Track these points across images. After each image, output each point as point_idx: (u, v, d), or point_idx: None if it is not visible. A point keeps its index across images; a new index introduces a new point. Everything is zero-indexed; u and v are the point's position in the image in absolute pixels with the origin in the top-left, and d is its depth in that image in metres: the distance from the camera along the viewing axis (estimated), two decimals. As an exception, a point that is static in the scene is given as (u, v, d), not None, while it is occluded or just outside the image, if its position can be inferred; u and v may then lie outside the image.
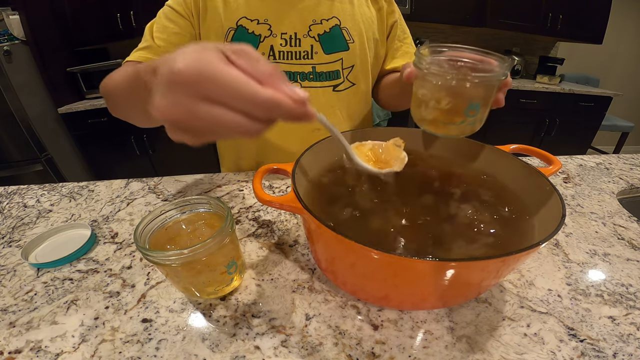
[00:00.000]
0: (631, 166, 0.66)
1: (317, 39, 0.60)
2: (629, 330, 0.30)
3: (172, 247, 0.31)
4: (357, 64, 0.63)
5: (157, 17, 0.60)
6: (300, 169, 0.34)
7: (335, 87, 0.64)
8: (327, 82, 0.63)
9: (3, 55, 1.63)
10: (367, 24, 0.63)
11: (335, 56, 0.61)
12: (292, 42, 0.59)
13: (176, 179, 0.62)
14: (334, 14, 0.60)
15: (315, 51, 0.60)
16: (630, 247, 0.42)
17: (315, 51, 0.60)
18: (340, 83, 0.64)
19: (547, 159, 0.39)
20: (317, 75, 0.62)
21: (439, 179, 0.40)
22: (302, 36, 0.59)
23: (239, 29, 0.58)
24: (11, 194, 0.60)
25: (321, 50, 0.60)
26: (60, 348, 0.30)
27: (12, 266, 0.41)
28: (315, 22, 0.59)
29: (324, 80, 0.62)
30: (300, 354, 0.29)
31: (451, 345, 0.29)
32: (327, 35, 0.60)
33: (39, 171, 1.84)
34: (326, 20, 0.60)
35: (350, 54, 0.62)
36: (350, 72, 0.63)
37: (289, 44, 0.59)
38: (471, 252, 0.29)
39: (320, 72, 0.62)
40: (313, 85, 0.62)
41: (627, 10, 2.51)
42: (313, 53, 0.60)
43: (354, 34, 0.61)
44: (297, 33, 0.59)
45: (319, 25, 0.59)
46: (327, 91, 0.63)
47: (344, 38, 0.61)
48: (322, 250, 0.33)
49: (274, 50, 0.59)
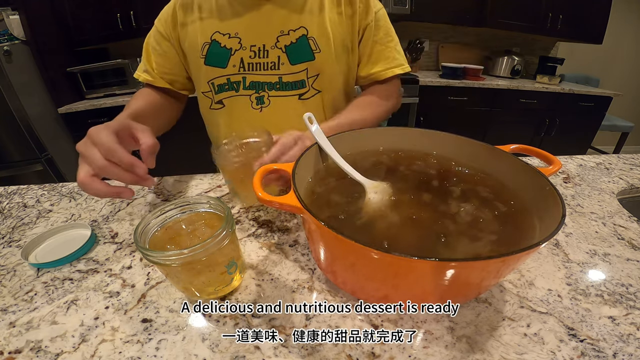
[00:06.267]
0: (631, 166, 0.66)
1: (284, 50, 0.61)
2: (629, 330, 0.30)
3: (172, 247, 0.31)
4: (323, 73, 0.64)
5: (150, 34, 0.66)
6: (300, 169, 0.34)
7: (301, 96, 0.65)
8: (293, 92, 0.64)
9: (3, 55, 1.63)
10: (336, 32, 0.63)
11: (301, 66, 0.62)
12: (260, 53, 0.61)
13: (176, 179, 0.62)
14: (302, 24, 0.61)
15: (282, 62, 0.62)
16: (630, 247, 0.42)
17: (282, 62, 0.62)
18: (306, 91, 0.65)
19: (547, 159, 0.39)
20: (284, 85, 0.63)
21: (439, 179, 0.40)
22: (270, 48, 0.61)
23: (213, 43, 0.61)
24: (11, 194, 0.60)
25: (287, 61, 0.62)
26: (60, 348, 0.30)
27: (12, 266, 0.41)
28: (283, 33, 0.61)
29: (289, 90, 0.64)
30: (300, 354, 0.29)
31: (451, 345, 0.29)
32: (294, 45, 0.61)
33: (39, 171, 1.84)
34: (293, 31, 0.61)
35: (315, 63, 0.62)
36: (315, 80, 0.64)
37: (257, 56, 0.61)
38: (473, 251, 0.29)
39: (287, 82, 0.63)
40: (279, 95, 0.64)
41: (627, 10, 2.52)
42: (280, 64, 0.62)
43: (321, 43, 0.62)
44: (265, 45, 0.61)
45: (287, 36, 0.61)
46: (293, 100, 0.65)
47: (310, 48, 0.62)
48: (322, 250, 0.33)
49: (244, 62, 0.62)
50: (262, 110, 0.65)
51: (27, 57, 1.75)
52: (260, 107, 0.65)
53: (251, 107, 0.65)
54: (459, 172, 0.42)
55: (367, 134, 0.46)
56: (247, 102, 0.65)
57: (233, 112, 0.67)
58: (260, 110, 0.65)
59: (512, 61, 2.33)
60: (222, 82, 0.64)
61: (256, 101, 0.65)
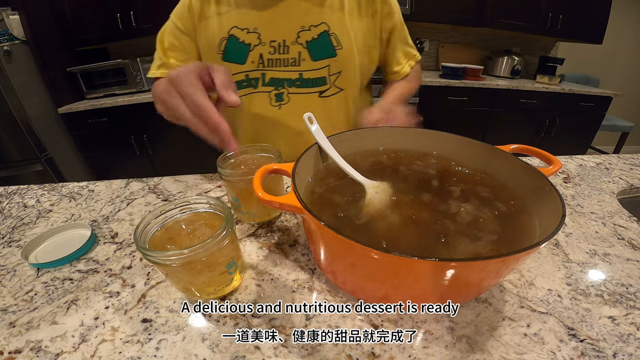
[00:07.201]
0: (631, 166, 0.66)
1: (305, 45, 0.60)
2: (629, 330, 0.30)
3: (172, 247, 0.31)
4: (345, 70, 0.63)
5: (165, 29, 0.64)
6: (300, 169, 0.34)
7: (322, 93, 0.64)
8: (314, 89, 0.64)
9: (3, 55, 1.63)
10: (357, 29, 0.62)
11: (323, 63, 0.62)
12: (280, 49, 0.60)
13: (176, 179, 0.62)
14: (323, 20, 0.60)
15: (303, 58, 0.61)
16: (630, 247, 0.42)
17: (302, 58, 0.61)
18: (327, 89, 0.64)
19: (547, 159, 0.39)
20: (304, 82, 0.63)
21: (439, 179, 0.40)
22: (290, 43, 0.60)
23: (230, 38, 0.60)
24: (11, 194, 0.60)
25: (309, 57, 0.61)
26: (60, 348, 0.30)
27: (12, 266, 0.41)
28: (303, 29, 0.60)
29: (310, 87, 0.63)
30: (300, 354, 0.29)
31: (451, 345, 0.29)
32: (315, 41, 0.60)
33: (39, 171, 1.84)
34: (315, 27, 0.60)
35: (337, 60, 0.62)
36: (337, 78, 0.64)
37: (277, 52, 0.60)
38: (473, 251, 0.29)
39: (307, 79, 0.62)
40: (300, 92, 0.63)
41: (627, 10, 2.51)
42: (301, 60, 0.61)
43: (342, 39, 0.61)
44: (285, 40, 0.60)
45: (308, 31, 0.60)
46: (313, 97, 0.64)
47: (332, 44, 0.61)
48: (322, 250, 0.33)
49: (263, 58, 0.61)
50: (282, 107, 0.64)
51: (27, 57, 1.75)
52: (280, 105, 0.64)
53: (270, 104, 0.64)
54: (459, 172, 0.42)
55: (367, 134, 0.46)
56: (266, 99, 0.64)
57: (251, 110, 0.66)
58: (280, 108, 0.64)
59: (512, 61, 2.33)
60: (240, 79, 0.63)
61: (275, 98, 0.64)
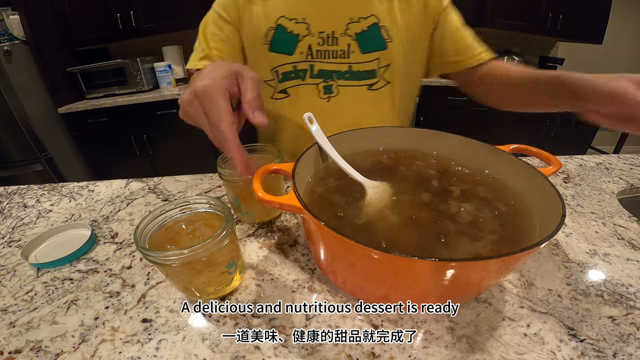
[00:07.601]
0: (631, 166, 0.66)
1: (355, 37, 0.59)
2: (629, 330, 0.30)
3: (172, 247, 0.31)
4: (394, 62, 0.62)
5: (207, 19, 0.62)
6: (300, 169, 0.34)
7: (371, 86, 0.63)
8: (363, 82, 0.62)
9: (3, 55, 1.63)
10: (406, 22, 0.60)
11: (372, 55, 0.60)
12: (329, 40, 0.59)
13: (176, 179, 0.62)
14: (372, 12, 0.58)
15: (352, 50, 0.59)
16: (630, 247, 0.42)
17: (352, 50, 0.59)
18: (376, 82, 0.63)
19: (547, 159, 0.39)
20: (353, 75, 0.61)
21: (439, 179, 0.40)
22: (339, 35, 0.59)
23: (278, 28, 0.59)
24: (11, 194, 0.60)
25: (358, 49, 0.59)
26: (60, 348, 0.30)
27: (12, 266, 0.41)
28: (352, 21, 0.58)
29: (359, 80, 0.62)
30: (300, 354, 0.29)
31: (451, 345, 0.29)
32: (365, 33, 0.59)
33: (39, 171, 1.84)
34: (364, 19, 0.58)
35: (387, 53, 0.60)
36: (386, 70, 0.62)
37: (326, 43, 0.59)
38: (473, 251, 0.29)
39: (357, 72, 0.61)
40: (349, 84, 0.62)
41: (627, 10, 2.51)
42: (350, 52, 0.59)
43: (392, 32, 0.59)
44: (334, 32, 0.58)
45: (357, 23, 0.58)
46: (362, 90, 0.63)
47: (382, 37, 0.59)
48: (322, 250, 0.33)
49: (312, 49, 0.59)
50: (330, 100, 0.63)
51: (27, 57, 1.75)
52: (328, 97, 0.63)
53: (318, 96, 0.63)
54: (459, 172, 0.42)
55: (367, 134, 0.46)
56: (314, 92, 0.63)
57: (298, 102, 0.64)
58: (328, 100, 0.63)
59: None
60: (288, 70, 0.61)
61: (324, 90, 0.62)
